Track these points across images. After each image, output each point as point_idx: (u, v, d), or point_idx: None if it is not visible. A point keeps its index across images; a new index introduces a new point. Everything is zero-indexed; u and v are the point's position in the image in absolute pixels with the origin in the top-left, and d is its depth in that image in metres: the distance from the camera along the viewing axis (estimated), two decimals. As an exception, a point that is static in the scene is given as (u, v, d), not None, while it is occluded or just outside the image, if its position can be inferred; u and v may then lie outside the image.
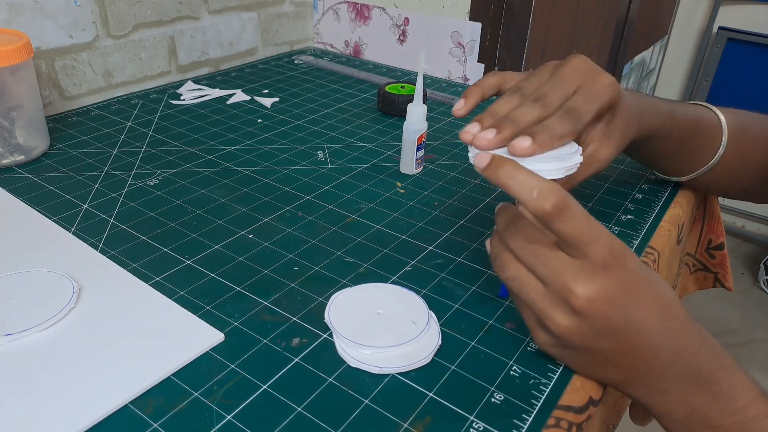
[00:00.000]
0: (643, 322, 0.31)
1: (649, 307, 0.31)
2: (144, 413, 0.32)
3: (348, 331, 0.37)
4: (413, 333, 0.37)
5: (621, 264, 0.31)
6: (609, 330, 0.31)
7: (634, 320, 0.31)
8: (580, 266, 0.31)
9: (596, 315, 0.30)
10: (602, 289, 0.30)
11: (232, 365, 0.35)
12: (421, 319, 0.38)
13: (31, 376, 0.34)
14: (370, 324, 0.37)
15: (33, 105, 0.57)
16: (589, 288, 0.30)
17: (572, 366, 0.35)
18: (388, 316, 0.38)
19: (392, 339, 0.36)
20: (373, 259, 0.45)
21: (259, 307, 0.40)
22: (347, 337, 0.36)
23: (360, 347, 0.36)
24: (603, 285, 0.30)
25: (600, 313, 0.30)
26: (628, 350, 0.31)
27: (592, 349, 0.32)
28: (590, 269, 0.30)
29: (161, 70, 0.79)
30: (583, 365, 0.34)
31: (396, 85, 0.75)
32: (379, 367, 0.35)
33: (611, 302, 0.30)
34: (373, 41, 0.95)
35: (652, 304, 0.31)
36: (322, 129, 0.68)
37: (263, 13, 0.91)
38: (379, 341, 0.36)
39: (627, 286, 0.31)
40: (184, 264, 0.44)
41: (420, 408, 0.33)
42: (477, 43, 0.85)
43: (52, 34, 0.66)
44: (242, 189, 0.55)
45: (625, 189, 0.57)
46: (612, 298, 0.30)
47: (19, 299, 0.39)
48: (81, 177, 0.55)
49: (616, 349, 0.32)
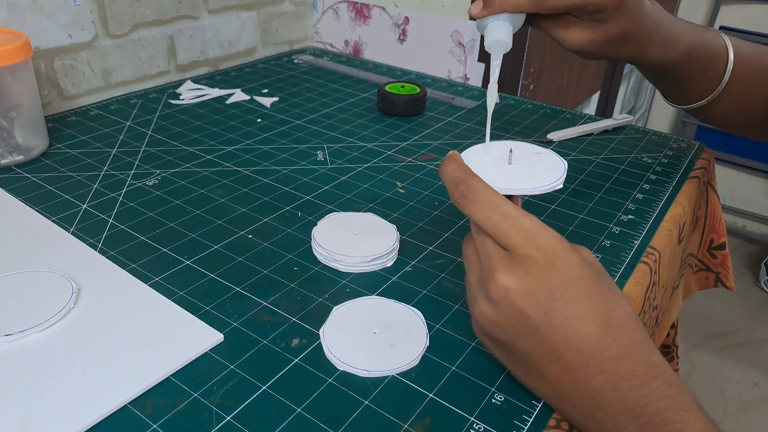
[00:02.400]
0: (572, 331, 0.29)
1: (583, 319, 0.29)
2: (143, 414, 0.32)
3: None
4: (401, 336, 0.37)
5: (550, 261, 0.29)
6: (527, 328, 0.29)
7: (559, 325, 0.29)
8: (506, 255, 0.30)
9: (510, 306, 0.29)
10: (520, 281, 0.29)
11: (232, 366, 0.35)
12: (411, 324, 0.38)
13: (30, 376, 0.34)
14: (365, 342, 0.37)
15: (32, 105, 0.57)
16: (508, 277, 0.29)
17: (503, 363, 0.33)
18: (383, 335, 0.38)
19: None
20: (373, 259, 0.45)
21: (258, 308, 0.40)
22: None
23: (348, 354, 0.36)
24: (523, 277, 0.29)
25: (514, 305, 0.29)
26: (553, 358, 0.29)
27: (513, 346, 0.31)
28: (513, 260, 0.30)
29: (160, 69, 0.79)
30: (510, 364, 0.33)
31: (396, 84, 0.75)
32: (367, 371, 0.35)
33: (528, 297, 0.29)
34: (373, 41, 0.95)
35: (588, 317, 0.29)
36: (322, 129, 0.68)
37: (263, 13, 0.91)
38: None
39: (553, 286, 0.29)
40: (183, 264, 0.44)
41: (420, 409, 0.33)
42: (477, 42, 0.85)
43: (52, 33, 0.66)
44: (242, 189, 0.54)
45: (626, 189, 0.57)
46: (530, 292, 0.29)
47: (18, 299, 0.39)
48: (80, 177, 0.55)
49: (538, 353, 0.30)
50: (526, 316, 0.29)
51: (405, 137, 0.67)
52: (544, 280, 0.29)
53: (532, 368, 0.31)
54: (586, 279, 0.29)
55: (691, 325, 1.59)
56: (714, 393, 1.41)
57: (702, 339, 1.57)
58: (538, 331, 0.29)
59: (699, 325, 1.61)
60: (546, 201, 0.54)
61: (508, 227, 0.30)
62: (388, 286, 0.42)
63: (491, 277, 0.30)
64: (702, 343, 1.56)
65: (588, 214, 0.52)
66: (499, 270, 0.30)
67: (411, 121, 0.71)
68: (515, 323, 0.30)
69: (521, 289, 0.29)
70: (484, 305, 0.31)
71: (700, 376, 1.45)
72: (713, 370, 1.47)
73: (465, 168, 0.33)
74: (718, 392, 1.41)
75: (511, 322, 0.30)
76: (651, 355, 0.29)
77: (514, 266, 0.30)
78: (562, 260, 0.29)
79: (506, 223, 0.30)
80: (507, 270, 0.30)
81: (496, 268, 0.30)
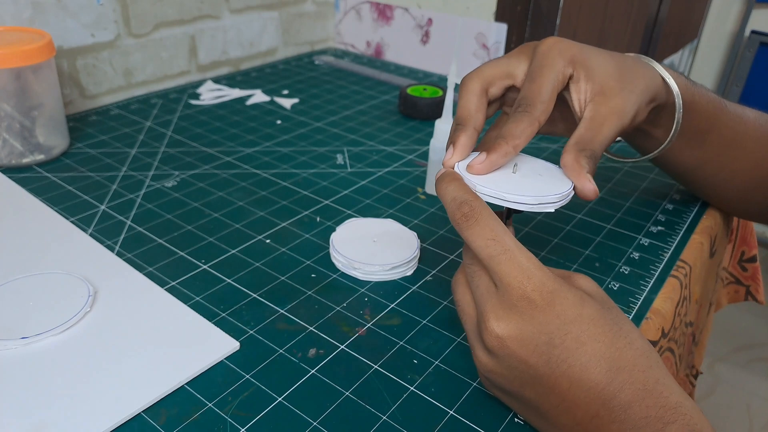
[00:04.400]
0: (577, 380, 0.26)
1: (587, 365, 0.27)
2: (157, 423, 0.31)
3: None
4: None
5: (546, 303, 0.27)
6: (532, 378, 0.27)
7: (563, 374, 0.27)
8: (500, 298, 0.28)
9: (509, 356, 0.28)
10: (515, 327, 0.27)
11: (247, 375, 0.34)
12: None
13: (45, 381, 0.33)
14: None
15: (54, 104, 0.57)
16: (502, 324, 0.27)
17: (517, 412, 0.31)
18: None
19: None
20: (393, 267, 0.44)
21: (275, 315, 0.39)
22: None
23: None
24: (518, 323, 0.27)
25: (513, 355, 0.27)
26: (562, 410, 0.27)
27: (520, 396, 0.29)
28: (507, 302, 0.28)
29: (181, 69, 0.79)
30: (523, 413, 0.30)
31: (418, 86, 0.74)
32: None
33: (526, 345, 0.27)
34: (395, 42, 0.94)
35: (593, 362, 0.27)
36: (342, 131, 0.67)
37: (284, 13, 0.90)
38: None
39: (551, 331, 0.27)
40: (200, 269, 0.43)
41: (440, 426, 0.32)
42: (502, 44, 0.83)
43: (75, 33, 0.66)
44: (260, 192, 0.54)
45: (655, 199, 0.55)
46: (527, 339, 0.27)
47: (35, 302, 0.38)
48: (99, 177, 0.55)
49: (548, 404, 0.28)
50: (528, 365, 0.27)
51: (426, 141, 0.65)
52: (542, 325, 0.27)
53: (544, 418, 0.29)
54: (586, 319, 0.27)
55: (716, 337, 1.55)
56: (739, 408, 1.37)
57: (727, 352, 1.53)
58: (543, 381, 0.27)
59: (724, 337, 1.57)
60: (572, 210, 0.52)
61: (504, 260, 0.28)
62: (407, 296, 0.41)
63: (485, 325, 0.28)
64: (727, 356, 1.52)
65: (615, 224, 0.51)
66: (491, 317, 0.28)
67: (433, 125, 0.70)
68: (518, 373, 0.28)
69: (517, 337, 0.27)
70: (482, 355, 0.29)
71: (724, 391, 1.41)
72: (738, 385, 1.43)
73: (468, 189, 0.31)
74: (743, 407, 1.37)
75: (513, 372, 0.28)
76: (668, 396, 0.26)
77: (507, 310, 0.28)
78: (559, 300, 0.27)
79: (504, 255, 0.28)
80: (500, 316, 0.28)
81: (489, 315, 0.28)
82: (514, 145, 0.33)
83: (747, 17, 1.77)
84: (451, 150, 0.34)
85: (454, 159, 0.34)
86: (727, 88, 1.88)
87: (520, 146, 0.33)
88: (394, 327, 0.38)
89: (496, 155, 0.33)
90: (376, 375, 0.35)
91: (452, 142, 0.35)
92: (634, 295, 0.42)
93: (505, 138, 0.33)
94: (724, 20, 1.84)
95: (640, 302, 0.41)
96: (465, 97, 0.36)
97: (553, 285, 0.28)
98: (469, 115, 0.35)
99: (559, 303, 0.27)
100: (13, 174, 0.55)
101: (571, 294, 0.28)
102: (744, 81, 1.83)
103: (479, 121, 0.36)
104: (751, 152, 0.45)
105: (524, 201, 0.31)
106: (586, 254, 0.46)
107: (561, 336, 0.27)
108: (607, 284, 0.43)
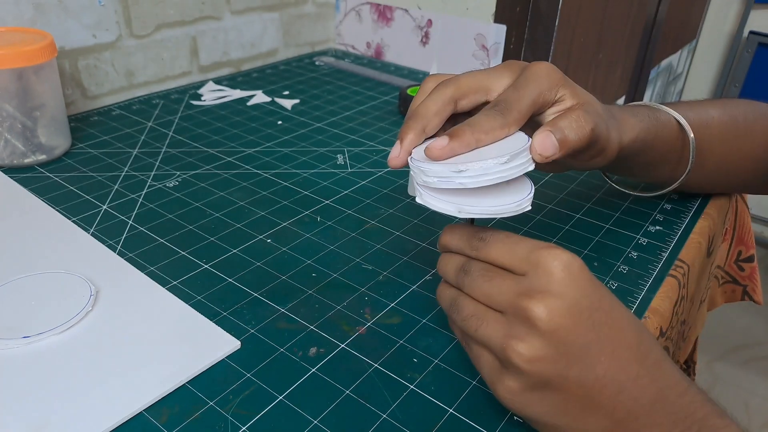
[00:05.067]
0: (620, 340, 0.28)
1: (622, 323, 0.29)
2: (158, 422, 0.32)
3: None
4: None
5: (580, 269, 0.28)
6: (579, 349, 0.27)
7: (605, 336, 0.28)
8: (530, 283, 0.28)
9: (562, 329, 0.27)
10: (562, 301, 0.27)
11: (248, 374, 0.35)
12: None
13: (47, 380, 0.33)
14: None
15: (56, 104, 0.57)
16: (548, 301, 0.27)
17: (546, 418, 0.29)
18: None
19: None
20: (393, 266, 0.44)
21: (276, 314, 0.39)
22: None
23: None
24: (558, 295, 0.27)
25: (566, 327, 0.27)
26: (614, 375, 0.27)
27: (566, 380, 0.27)
28: (538, 284, 0.28)
29: (183, 70, 0.79)
30: (560, 409, 0.28)
31: (418, 87, 0.74)
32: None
33: (572, 313, 0.27)
34: (395, 43, 0.94)
35: (626, 320, 0.29)
36: (343, 132, 0.68)
37: (285, 14, 0.91)
38: None
39: (589, 294, 0.28)
40: (201, 268, 0.43)
41: (440, 424, 0.32)
42: (501, 45, 0.83)
43: (76, 33, 0.67)
44: (261, 192, 0.54)
45: (653, 198, 0.55)
46: (573, 307, 0.27)
47: (37, 301, 0.38)
48: (101, 177, 0.55)
49: (594, 375, 0.27)
50: (576, 335, 0.27)
51: (426, 142, 0.66)
52: (581, 289, 0.28)
53: (589, 401, 0.28)
54: (599, 284, 0.29)
55: (714, 336, 1.55)
56: (737, 407, 1.37)
57: (726, 350, 1.54)
58: (590, 350, 0.27)
59: (723, 336, 1.58)
60: (571, 209, 0.53)
61: (533, 247, 0.29)
62: (407, 295, 0.42)
63: (526, 309, 0.27)
64: (726, 354, 1.53)
65: (614, 224, 0.51)
66: (530, 300, 0.27)
67: (432, 125, 0.70)
68: (568, 347, 0.27)
69: (567, 309, 0.27)
70: (528, 347, 0.27)
71: (722, 389, 1.42)
72: (737, 383, 1.44)
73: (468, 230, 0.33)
74: (742, 406, 1.38)
75: (564, 347, 0.27)
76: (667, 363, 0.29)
77: (545, 287, 0.27)
78: (582, 268, 0.28)
79: (529, 243, 0.29)
80: (540, 295, 0.27)
81: (527, 299, 0.27)
82: (477, 138, 0.32)
83: (745, 18, 1.77)
84: (398, 147, 0.34)
85: (402, 158, 0.34)
86: (725, 89, 1.89)
87: (483, 142, 0.32)
88: (394, 326, 0.39)
89: (458, 143, 0.32)
90: (377, 373, 0.35)
91: (401, 138, 0.34)
92: (633, 295, 0.42)
93: (472, 127, 0.32)
94: (723, 21, 1.84)
95: (638, 301, 0.42)
96: (432, 97, 0.34)
97: (568, 257, 0.28)
98: (426, 114, 0.34)
99: (581, 270, 0.28)
100: (15, 174, 0.55)
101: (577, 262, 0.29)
102: (742, 81, 1.84)
103: (433, 124, 0.34)
104: (717, 154, 0.49)
105: (504, 209, 0.31)
106: (584, 254, 0.47)
107: (598, 299, 0.28)
108: (605, 283, 0.43)
